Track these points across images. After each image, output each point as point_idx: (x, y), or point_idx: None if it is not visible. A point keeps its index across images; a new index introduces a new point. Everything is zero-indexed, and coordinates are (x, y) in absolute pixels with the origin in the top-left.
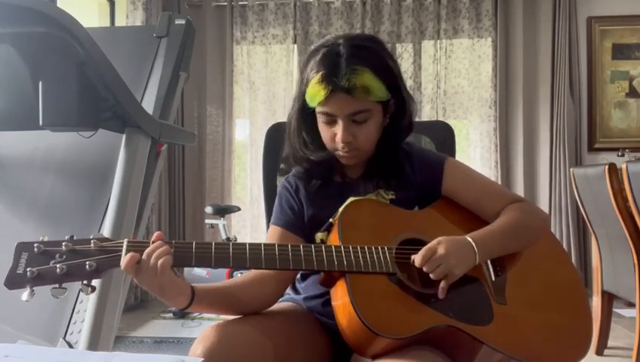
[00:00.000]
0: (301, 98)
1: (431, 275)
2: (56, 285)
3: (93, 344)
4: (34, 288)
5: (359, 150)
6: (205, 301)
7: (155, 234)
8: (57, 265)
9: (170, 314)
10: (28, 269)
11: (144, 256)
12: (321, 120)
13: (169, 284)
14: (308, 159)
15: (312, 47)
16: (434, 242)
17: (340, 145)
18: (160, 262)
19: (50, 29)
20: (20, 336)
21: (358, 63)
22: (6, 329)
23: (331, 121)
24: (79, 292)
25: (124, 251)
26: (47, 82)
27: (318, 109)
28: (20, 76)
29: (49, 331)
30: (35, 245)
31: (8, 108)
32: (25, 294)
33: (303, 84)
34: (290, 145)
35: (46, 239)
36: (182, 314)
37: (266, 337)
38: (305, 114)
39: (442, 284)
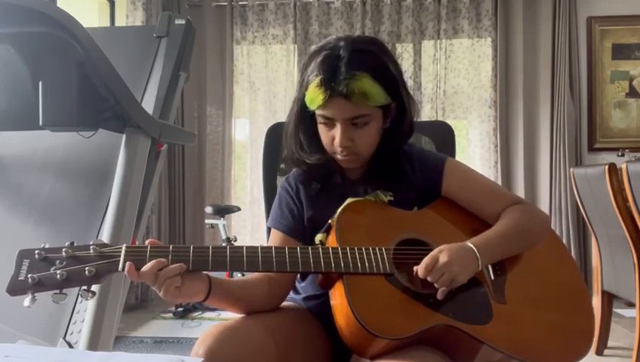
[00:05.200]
0: (301, 100)
1: (435, 284)
2: (57, 291)
3: (93, 344)
4: (35, 294)
5: (358, 154)
6: (218, 297)
7: (148, 241)
8: (58, 272)
9: (170, 314)
10: (29, 276)
11: (149, 274)
12: (320, 122)
13: (181, 295)
14: (304, 161)
15: (313, 48)
16: (435, 251)
17: (338, 148)
18: (165, 286)
19: (50, 29)
20: (20, 336)
21: (358, 68)
22: (6, 329)
23: (330, 124)
24: (79, 293)
25: (122, 257)
26: (47, 82)
27: (317, 112)
28: (20, 76)
29: (49, 331)
30: (36, 252)
31: (8, 108)
32: (27, 300)
33: (303, 87)
34: (287, 146)
35: (47, 246)
36: (182, 314)
37: (268, 336)
38: (303, 116)
39: (443, 288)
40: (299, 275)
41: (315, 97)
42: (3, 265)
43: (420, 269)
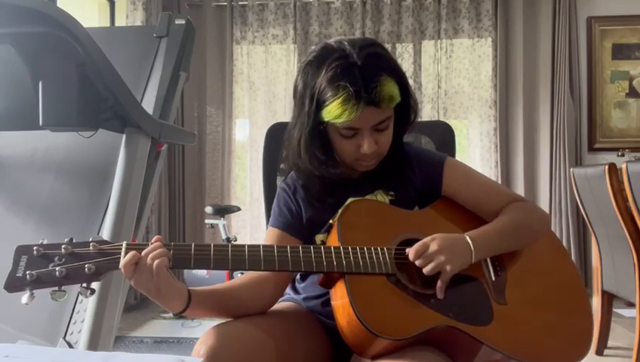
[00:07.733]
0: (312, 115)
1: (424, 270)
2: (56, 288)
3: (93, 344)
4: (33, 291)
5: (380, 156)
6: (201, 305)
7: (155, 238)
8: (57, 268)
9: (170, 314)
10: (27, 272)
11: (141, 257)
12: (341, 134)
13: (166, 287)
14: (322, 177)
15: (311, 57)
16: (428, 238)
17: (365, 156)
18: (156, 262)
19: (50, 29)
20: (20, 336)
21: (378, 72)
22: (6, 329)
23: (354, 135)
24: (79, 292)
25: (122, 254)
26: (47, 82)
27: (340, 125)
28: (20, 76)
29: (49, 331)
30: (35, 248)
31: (8, 108)
32: (24, 297)
33: (315, 101)
34: (301, 164)
35: (45, 242)
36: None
37: (269, 337)
38: (316, 130)
39: (439, 283)
40: (299, 275)
41: (343, 112)
42: (3, 265)
43: (410, 252)
